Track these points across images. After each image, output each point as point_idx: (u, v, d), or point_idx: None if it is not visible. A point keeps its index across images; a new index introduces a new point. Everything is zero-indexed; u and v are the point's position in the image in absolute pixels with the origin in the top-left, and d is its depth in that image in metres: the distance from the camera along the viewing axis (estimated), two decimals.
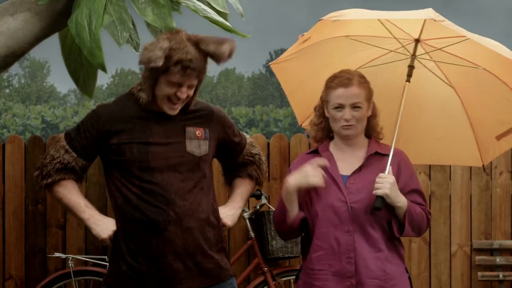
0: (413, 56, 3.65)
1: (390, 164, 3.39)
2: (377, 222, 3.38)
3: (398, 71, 3.73)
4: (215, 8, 3.82)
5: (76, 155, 3.53)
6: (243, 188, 3.83)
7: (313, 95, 3.61)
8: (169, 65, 3.35)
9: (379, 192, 3.29)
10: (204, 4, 3.77)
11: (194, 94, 3.53)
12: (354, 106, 3.38)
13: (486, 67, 3.56)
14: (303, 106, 3.85)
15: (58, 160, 3.52)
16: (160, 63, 3.31)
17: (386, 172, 3.35)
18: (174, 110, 3.49)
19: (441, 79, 3.76)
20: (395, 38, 3.63)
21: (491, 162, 5.72)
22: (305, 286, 3.48)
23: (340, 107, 3.40)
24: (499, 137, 3.70)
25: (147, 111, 3.50)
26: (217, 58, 3.43)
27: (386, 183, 3.29)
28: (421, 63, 3.73)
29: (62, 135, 3.60)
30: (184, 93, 3.43)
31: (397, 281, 3.40)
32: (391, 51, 3.71)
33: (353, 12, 3.51)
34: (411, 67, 3.63)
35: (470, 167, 5.74)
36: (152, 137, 3.48)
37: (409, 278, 3.51)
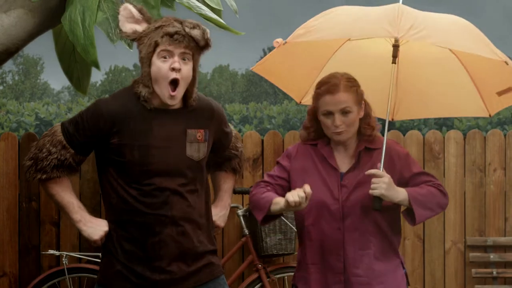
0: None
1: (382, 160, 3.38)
2: (370, 219, 3.38)
3: (381, 47, 3.72)
4: (209, 5, 3.82)
5: (74, 152, 3.48)
6: (228, 184, 3.82)
7: (305, 72, 3.68)
8: (158, 39, 3.35)
9: (375, 192, 3.27)
10: (198, 1, 3.77)
11: (193, 83, 3.47)
12: (343, 112, 3.37)
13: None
14: (297, 85, 3.84)
15: (55, 156, 3.47)
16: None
17: (381, 168, 3.34)
18: (174, 99, 3.41)
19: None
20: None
21: (485, 159, 5.76)
22: (300, 279, 3.51)
23: (329, 113, 3.39)
24: (500, 93, 3.71)
25: (148, 109, 3.44)
26: (195, 40, 3.41)
27: (381, 183, 3.27)
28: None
29: (58, 127, 3.51)
30: (176, 62, 3.36)
31: (386, 278, 3.41)
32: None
33: (322, 24, 3.45)
34: (396, 47, 3.53)
35: (464, 164, 5.76)
36: (154, 139, 3.42)
37: (406, 273, 3.51)
